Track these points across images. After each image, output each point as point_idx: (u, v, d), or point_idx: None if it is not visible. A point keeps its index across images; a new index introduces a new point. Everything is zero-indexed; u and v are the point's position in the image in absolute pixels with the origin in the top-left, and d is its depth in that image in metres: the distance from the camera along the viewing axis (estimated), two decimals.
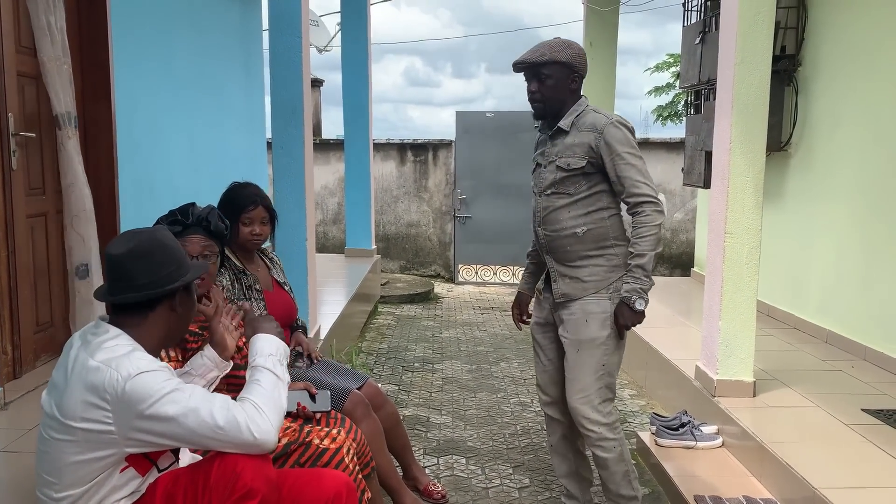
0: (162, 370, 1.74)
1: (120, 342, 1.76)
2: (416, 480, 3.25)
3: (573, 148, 2.70)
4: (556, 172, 2.73)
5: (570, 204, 2.73)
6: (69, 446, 1.72)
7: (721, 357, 3.67)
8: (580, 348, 2.73)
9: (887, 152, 4.36)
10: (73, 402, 1.71)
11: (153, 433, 1.70)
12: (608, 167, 2.66)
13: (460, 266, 10.15)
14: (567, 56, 2.68)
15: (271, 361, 1.95)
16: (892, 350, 4.25)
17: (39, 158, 3.54)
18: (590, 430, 2.74)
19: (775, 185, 5.55)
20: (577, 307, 2.74)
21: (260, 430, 1.73)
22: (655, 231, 2.64)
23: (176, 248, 1.91)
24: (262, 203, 2.95)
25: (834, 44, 5.01)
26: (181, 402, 1.69)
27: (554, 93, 2.71)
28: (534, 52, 2.70)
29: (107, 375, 1.68)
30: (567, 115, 2.74)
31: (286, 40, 4.24)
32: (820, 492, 2.70)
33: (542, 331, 2.97)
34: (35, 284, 3.49)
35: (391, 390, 4.83)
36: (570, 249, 2.75)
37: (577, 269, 2.75)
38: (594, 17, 7.51)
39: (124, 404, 1.67)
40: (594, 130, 2.67)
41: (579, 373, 2.74)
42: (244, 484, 1.71)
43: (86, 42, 3.86)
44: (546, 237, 2.80)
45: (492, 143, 9.75)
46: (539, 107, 2.76)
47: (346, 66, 8.02)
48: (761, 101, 3.53)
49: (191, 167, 5.07)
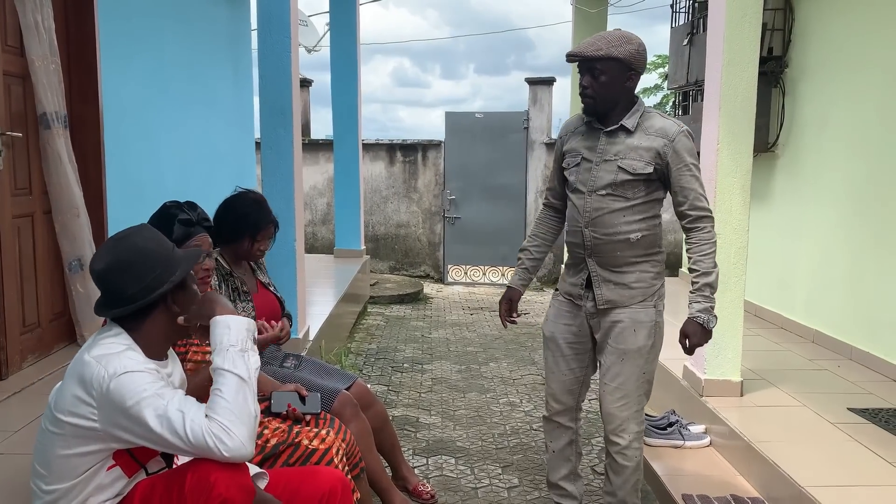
0: (148, 372, 1.73)
1: (117, 340, 1.77)
2: (405, 480, 3.24)
3: (639, 151, 2.56)
4: (618, 174, 2.57)
5: (626, 208, 2.60)
6: (58, 439, 1.72)
7: (709, 357, 3.69)
8: (625, 357, 2.64)
9: (873, 153, 4.40)
10: (65, 395, 1.73)
11: (133, 433, 1.69)
12: (673, 176, 2.57)
13: (450, 266, 10.15)
14: (625, 52, 2.50)
15: (231, 358, 1.76)
16: (877, 350, 4.29)
17: (26, 158, 3.52)
18: (621, 437, 2.67)
19: (762, 186, 5.59)
20: (626, 316, 2.64)
21: (230, 450, 1.67)
22: (715, 248, 2.62)
23: (158, 249, 1.85)
24: (274, 222, 2.98)
25: (820, 45, 5.05)
26: (159, 408, 1.67)
27: (607, 90, 2.54)
28: (590, 44, 2.52)
29: (95, 371, 1.69)
30: (630, 114, 2.59)
31: (275, 40, 4.23)
32: (806, 490, 2.72)
33: (571, 339, 2.78)
34: (22, 285, 3.47)
35: (380, 391, 4.82)
36: (620, 254, 2.62)
37: (623, 275, 2.64)
38: (582, 18, 7.54)
39: (108, 401, 1.67)
40: (664, 136, 2.55)
41: (623, 382, 2.64)
42: (219, 494, 1.69)
43: (73, 41, 3.84)
44: (595, 239, 2.63)
45: (481, 144, 9.77)
46: (590, 102, 2.59)
47: (335, 66, 8.00)
48: (748, 102, 3.55)
49: (179, 166, 5.04)
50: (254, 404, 1.75)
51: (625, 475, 2.71)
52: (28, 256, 3.53)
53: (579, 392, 2.85)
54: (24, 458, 2.55)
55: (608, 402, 2.68)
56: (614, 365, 2.66)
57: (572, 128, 2.76)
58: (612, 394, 2.66)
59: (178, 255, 1.89)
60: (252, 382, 1.77)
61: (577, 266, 2.74)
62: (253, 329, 1.86)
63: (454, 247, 10.10)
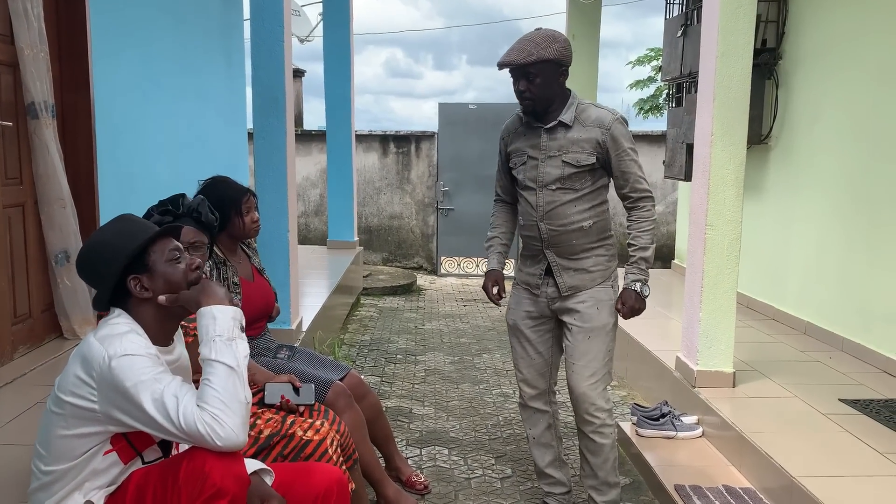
0: (148, 357, 1.73)
1: (121, 321, 1.80)
2: (398, 471, 3.25)
3: (580, 143, 2.69)
4: (564, 168, 2.71)
5: (576, 199, 2.74)
6: (58, 420, 1.73)
7: (701, 348, 3.70)
8: (592, 335, 2.77)
9: (866, 145, 4.41)
10: (68, 376, 1.74)
11: (130, 415, 1.69)
12: (613, 162, 2.72)
13: (443, 258, 10.15)
14: (554, 52, 2.63)
15: (218, 348, 1.74)
16: (868, 341, 4.31)
17: (16, 147, 3.49)
18: (595, 417, 2.77)
19: (755, 178, 5.60)
20: (588, 296, 2.79)
21: (223, 439, 1.67)
22: (654, 225, 2.80)
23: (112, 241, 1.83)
24: (249, 191, 3.01)
25: (814, 37, 5.06)
26: (155, 392, 1.67)
27: (544, 90, 2.67)
28: (520, 51, 2.63)
29: (97, 352, 1.70)
30: (566, 108, 2.72)
31: (268, 30, 4.20)
32: (798, 480, 2.73)
33: (533, 324, 2.93)
34: (13, 276, 3.45)
35: (374, 382, 4.82)
36: (576, 243, 2.77)
37: (581, 261, 2.79)
38: (577, 9, 7.52)
39: (107, 383, 1.68)
40: (600, 126, 2.69)
41: (591, 360, 2.77)
42: (213, 483, 1.68)
43: (64, 30, 3.80)
44: (550, 231, 2.77)
45: (474, 135, 9.75)
46: (529, 104, 2.72)
47: (327, 57, 7.96)
48: (742, 94, 3.55)
49: (171, 157, 5.02)
50: (244, 391, 1.74)
51: (603, 454, 2.81)
52: (19, 247, 3.51)
53: (549, 374, 2.98)
54: (16, 449, 2.55)
55: (578, 382, 2.77)
56: (581, 343, 2.78)
57: (513, 129, 2.88)
58: (580, 372, 2.77)
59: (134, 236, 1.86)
60: (242, 370, 1.75)
61: (535, 257, 2.88)
62: (240, 317, 1.84)
63: (447, 238, 10.09)
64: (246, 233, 2.98)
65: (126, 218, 1.93)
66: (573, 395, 2.81)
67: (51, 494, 1.76)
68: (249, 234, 3.00)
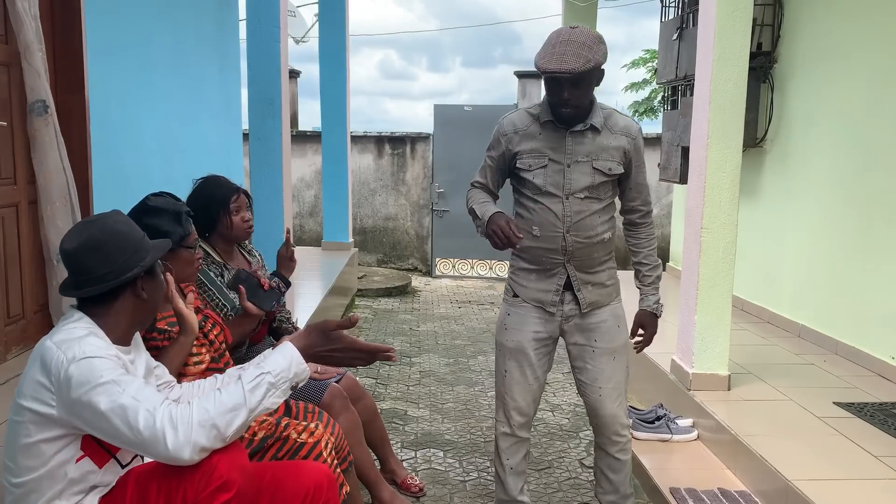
0: (108, 358, 1.69)
1: (79, 325, 1.75)
2: (393, 473, 3.24)
3: (609, 151, 2.52)
4: (594, 175, 2.51)
5: (601, 209, 2.57)
6: (20, 427, 1.69)
7: (697, 351, 3.70)
8: (616, 355, 2.64)
9: (861, 149, 4.43)
10: (27, 381, 1.70)
11: (85, 421, 1.66)
12: (632, 173, 2.60)
13: (438, 260, 10.14)
14: (603, 55, 2.42)
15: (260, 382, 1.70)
16: (862, 344, 4.32)
17: (10, 147, 3.47)
18: (622, 436, 2.68)
19: (750, 181, 5.61)
20: (608, 314, 2.64)
21: (174, 445, 1.61)
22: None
23: (130, 233, 1.84)
24: (241, 190, 2.93)
25: (809, 41, 5.07)
26: (113, 395, 1.63)
27: (588, 97, 2.48)
28: (577, 57, 2.34)
29: (56, 356, 1.66)
30: (593, 111, 2.52)
31: (264, 31, 4.20)
32: (793, 484, 2.74)
33: (538, 346, 2.66)
34: (6, 276, 3.42)
35: (369, 384, 4.81)
36: (596, 256, 2.60)
37: (598, 275, 2.63)
38: (572, 11, 7.52)
39: (65, 386, 1.65)
40: (628, 135, 2.55)
41: (618, 381, 2.64)
42: (220, 475, 1.67)
43: (59, 29, 3.78)
44: (576, 244, 2.54)
45: (469, 137, 9.74)
46: (571, 112, 2.46)
47: (323, 58, 7.95)
48: (738, 97, 3.56)
49: (166, 157, 4.99)
50: (231, 431, 1.68)
51: (625, 470, 2.74)
52: (13, 247, 3.48)
53: (539, 399, 2.76)
54: None
55: (608, 405, 2.64)
56: (608, 366, 2.63)
57: (522, 126, 2.58)
58: (610, 395, 2.63)
59: (148, 242, 1.88)
60: (249, 414, 1.70)
61: (549, 272, 2.61)
62: (299, 378, 1.79)
63: (442, 240, 10.09)
64: (235, 233, 2.87)
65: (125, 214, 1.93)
66: (599, 418, 2.67)
67: None
68: (240, 235, 2.89)
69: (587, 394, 2.68)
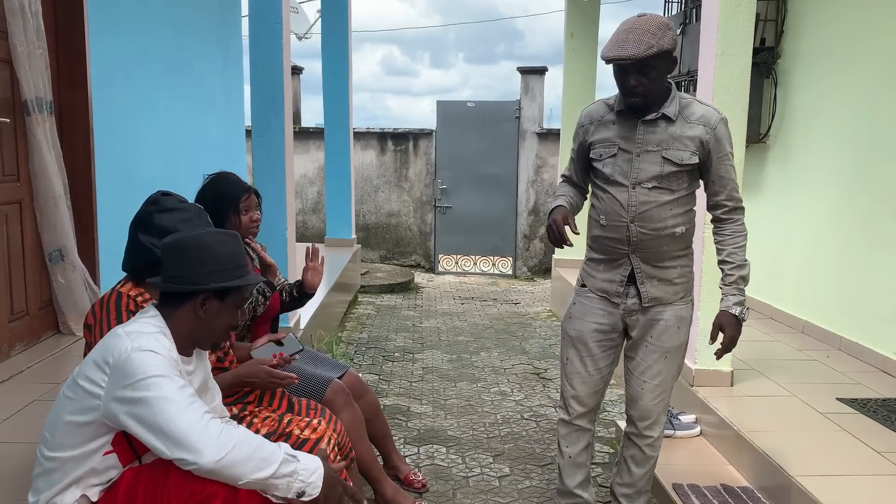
0: (169, 359, 1.75)
1: (152, 322, 1.82)
2: (396, 469, 3.25)
3: (683, 140, 2.44)
4: (664, 165, 2.44)
5: (673, 201, 2.47)
6: (68, 403, 1.75)
7: (699, 347, 3.70)
8: (668, 355, 2.59)
9: (864, 145, 4.41)
10: (87, 360, 1.77)
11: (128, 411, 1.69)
12: (713, 165, 2.48)
13: (440, 256, 10.15)
14: (670, 41, 2.32)
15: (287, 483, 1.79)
16: (866, 340, 4.31)
17: (13, 144, 3.48)
18: (654, 431, 2.67)
19: (753, 177, 5.60)
20: (670, 314, 2.57)
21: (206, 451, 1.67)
22: (747, 241, 2.62)
23: (223, 256, 1.86)
24: (251, 189, 2.94)
25: (813, 36, 5.05)
26: (164, 388, 1.68)
27: (657, 84, 2.39)
28: (638, 43, 2.29)
29: (122, 342, 1.72)
30: (669, 101, 2.44)
31: (267, 27, 4.19)
32: (796, 479, 2.74)
33: (601, 338, 2.63)
34: (10, 273, 3.44)
35: (371, 380, 4.82)
36: (665, 249, 2.51)
37: (667, 271, 2.54)
38: (575, 7, 7.50)
39: (119, 372, 1.69)
40: (706, 124, 2.44)
41: (664, 379, 2.61)
42: (202, 487, 1.70)
43: (61, 27, 3.79)
44: (641, 235, 2.48)
45: (472, 133, 9.74)
46: (640, 101, 2.40)
47: (326, 54, 7.95)
48: (741, 92, 3.55)
49: (169, 154, 5.01)
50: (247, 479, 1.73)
51: (649, 465, 2.73)
52: (16, 244, 3.50)
53: (602, 392, 2.72)
54: (13, 447, 2.54)
55: (648, 400, 2.63)
56: (657, 363, 2.60)
57: (598, 116, 2.57)
58: (652, 391, 2.62)
59: (244, 272, 1.91)
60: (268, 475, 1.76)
61: (615, 262, 2.57)
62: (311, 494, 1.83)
63: (445, 236, 10.09)
64: (242, 231, 2.87)
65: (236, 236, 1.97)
66: (636, 409, 2.66)
67: (50, 484, 1.76)
68: (249, 232, 2.92)
69: (630, 383, 2.68)
